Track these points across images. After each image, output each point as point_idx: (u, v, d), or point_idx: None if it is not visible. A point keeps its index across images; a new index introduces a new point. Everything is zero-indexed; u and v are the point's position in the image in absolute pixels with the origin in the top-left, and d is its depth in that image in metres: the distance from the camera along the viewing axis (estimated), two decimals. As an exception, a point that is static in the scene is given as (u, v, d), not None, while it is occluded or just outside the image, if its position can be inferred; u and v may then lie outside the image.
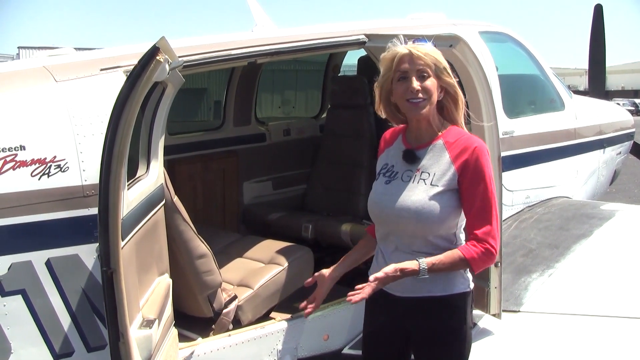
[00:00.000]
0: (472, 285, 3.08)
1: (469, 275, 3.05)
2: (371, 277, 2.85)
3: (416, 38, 2.99)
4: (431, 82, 2.91)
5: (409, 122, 3.09)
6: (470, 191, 2.91)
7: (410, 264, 2.85)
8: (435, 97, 2.95)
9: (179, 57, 3.39)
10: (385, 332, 3.19)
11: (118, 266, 2.96)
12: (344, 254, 3.42)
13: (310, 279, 3.34)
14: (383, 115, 3.14)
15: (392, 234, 3.04)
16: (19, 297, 3.26)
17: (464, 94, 3.35)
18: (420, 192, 2.92)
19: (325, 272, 3.31)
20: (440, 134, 3.01)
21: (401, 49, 2.93)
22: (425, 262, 2.85)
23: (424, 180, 2.95)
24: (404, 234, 2.99)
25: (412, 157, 3.01)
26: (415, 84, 2.89)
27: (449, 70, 2.98)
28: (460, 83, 3.09)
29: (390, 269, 2.85)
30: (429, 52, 2.93)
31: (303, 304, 3.28)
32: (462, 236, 3.03)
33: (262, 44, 4.45)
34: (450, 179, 2.92)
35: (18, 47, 40.92)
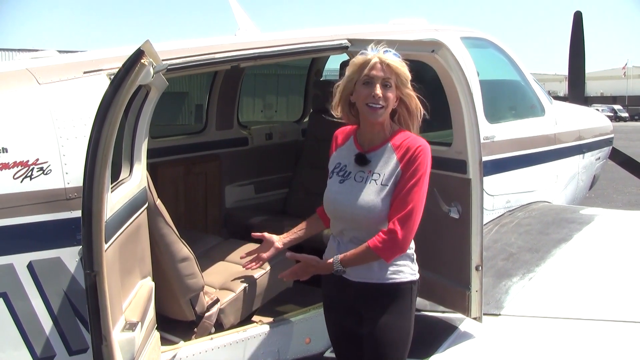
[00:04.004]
0: (417, 275, 3.30)
1: (415, 266, 3.30)
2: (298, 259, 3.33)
3: (387, 49, 3.18)
4: (392, 92, 3.14)
5: (362, 124, 3.29)
6: (402, 183, 3.13)
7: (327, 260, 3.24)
8: (391, 106, 3.18)
9: (163, 60, 3.39)
10: (339, 310, 3.41)
11: (101, 269, 2.95)
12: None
13: (259, 234, 3.69)
14: (337, 114, 3.34)
15: (346, 230, 3.27)
16: (0, 300, 3.24)
17: (447, 100, 3.41)
18: (372, 192, 3.15)
19: (276, 240, 3.67)
20: (389, 136, 3.23)
21: (373, 56, 3.14)
22: (338, 257, 3.18)
23: (375, 180, 3.17)
24: (358, 229, 3.21)
25: (363, 161, 3.23)
26: (379, 90, 3.10)
27: (409, 83, 3.19)
28: (419, 97, 3.23)
29: (311, 259, 3.28)
30: (396, 63, 3.15)
31: (243, 256, 3.77)
32: None
33: (246, 48, 4.46)
34: (396, 176, 3.14)
35: (-3, 49, 40.43)
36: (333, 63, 7.33)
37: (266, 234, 3.66)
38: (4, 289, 3.25)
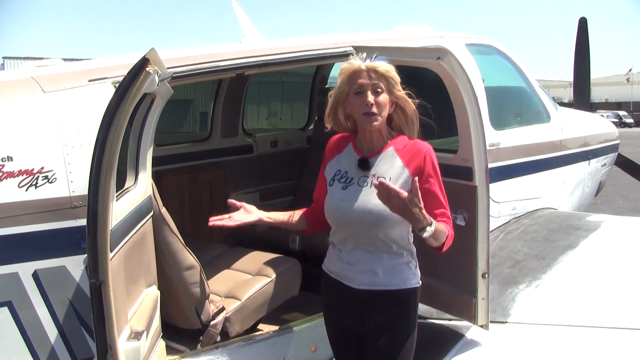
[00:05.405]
0: (419, 281, 3.32)
1: (418, 272, 3.33)
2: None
3: (375, 57, 3.19)
4: (384, 97, 3.16)
5: (360, 132, 3.31)
6: (428, 186, 3.15)
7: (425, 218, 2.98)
8: (387, 111, 3.21)
9: (168, 68, 3.39)
10: (338, 312, 3.42)
11: (106, 278, 2.95)
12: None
13: (238, 203, 3.39)
14: (329, 124, 3.45)
15: (351, 237, 3.25)
16: (5, 309, 3.24)
17: (453, 107, 3.39)
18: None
19: (256, 211, 3.41)
20: (389, 142, 3.26)
21: (359, 64, 3.19)
22: (435, 224, 3.01)
23: None
24: (364, 235, 3.20)
25: (366, 165, 3.23)
26: (370, 97, 3.13)
27: (399, 85, 3.20)
28: (410, 95, 3.24)
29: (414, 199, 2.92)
30: (383, 67, 3.17)
31: (214, 219, 3.32)
32: (412, 237, 3.29)
33: (250, 56, 4.46)
34: (404, 181, 3.13)
35: (3, 57, 40.49)
36: (338, 70, 7.31)
37: (245, 204, 3.41)
38: (9, 298, 3.24)
